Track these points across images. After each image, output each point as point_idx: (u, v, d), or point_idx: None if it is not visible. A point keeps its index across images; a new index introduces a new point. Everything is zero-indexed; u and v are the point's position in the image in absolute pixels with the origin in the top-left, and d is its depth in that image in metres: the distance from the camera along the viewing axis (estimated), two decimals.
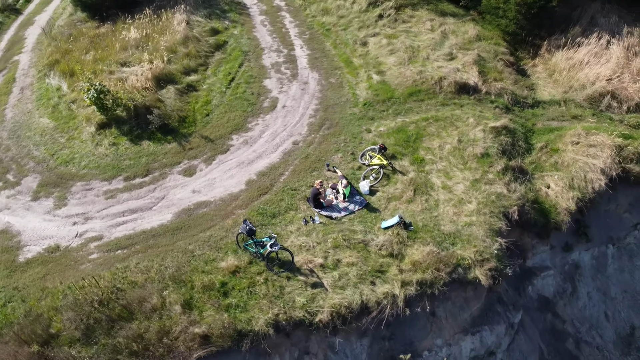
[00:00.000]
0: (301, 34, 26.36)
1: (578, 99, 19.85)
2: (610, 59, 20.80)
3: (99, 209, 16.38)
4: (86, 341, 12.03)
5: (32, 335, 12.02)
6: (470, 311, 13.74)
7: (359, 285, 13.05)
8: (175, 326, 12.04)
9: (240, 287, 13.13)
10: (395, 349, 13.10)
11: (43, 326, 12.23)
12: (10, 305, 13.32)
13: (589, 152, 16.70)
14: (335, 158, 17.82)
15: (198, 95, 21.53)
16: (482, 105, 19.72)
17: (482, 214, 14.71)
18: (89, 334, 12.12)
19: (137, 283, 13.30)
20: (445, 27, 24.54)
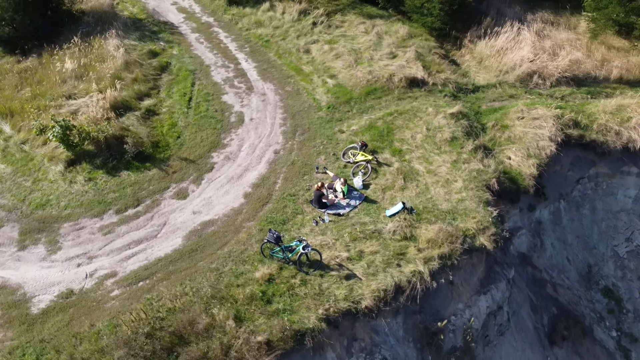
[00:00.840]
0: (241, 47, 26.90)
1: (510, 81, 22.85)
2: (526, 43, 24.10)
3: (100, 246, 15.91)
4: None
5: None
6: (477, 275, 15.63)
7: (387, 269, 14.33)
8: (235, 339, 12.42)
9: (280, 293, 13.78)
10: (426, 320, 14.59)
11: None
12: (45, 358, 12.74)
13: (534, 124, 19.50)
14: (319, 160, 18.92)
15: (161, 118, 21.37)
16: (433, 96, 21.93)
17: (470, 189, 16.72)
18: None
19: (177, 308, 13.38)
20: (378, 29, 26.58)
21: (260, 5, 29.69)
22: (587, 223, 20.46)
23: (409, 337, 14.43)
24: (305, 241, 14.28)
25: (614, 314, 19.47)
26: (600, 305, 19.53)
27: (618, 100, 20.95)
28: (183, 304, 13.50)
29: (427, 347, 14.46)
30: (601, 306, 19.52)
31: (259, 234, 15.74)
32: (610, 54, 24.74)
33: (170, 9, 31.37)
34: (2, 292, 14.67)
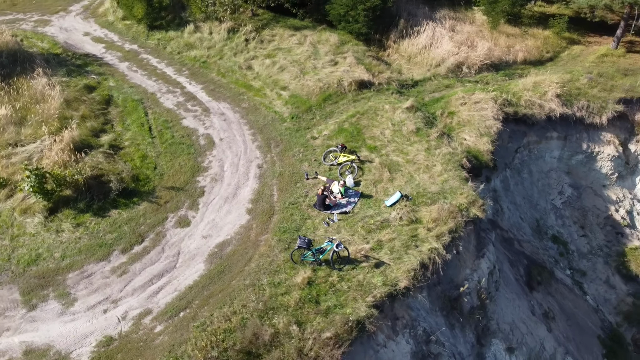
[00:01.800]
0: (179, 71, 26.84)
1: (442, 73, 25.81)
2: (444, 39, 27.29)
3: (120, 288, 15.48)
4: None
5: None
6: (472, 242, 17.91)
7: (407, 251, 15.94)
8: (305, 341, 13.19)
9: (324, 292, 14.73)
10: (445, 289, 16.50)
11: None
12: None
13: (477, 107, 22.46)
14: (304, 168, 20.00)
15: (127, 152, 20.85)
16: (382, 94, 24.05)
17: (449, 171, 18.98)
18: None
19: (233, 328, 13.72)
20: (310, 39, 28.17)
21: (183, 27, 29.75)
22: (528, 185, 23.98)
23: (435, 307, 16.22)
24: (337, 240, 15.38)
25: (564, 256, 23.17)
26: (552, 250, 23.10)
27: (532, 78, 24.81)
28: (238, 322, 13.87)
29: (452, 312, 16.39)
30: (553, 251, 23.10)
31: (279, 244, 16.48)
32: (510, 41, 28.94)
33: (85, 40, 30.09)
34: (32, 356, 13.76)
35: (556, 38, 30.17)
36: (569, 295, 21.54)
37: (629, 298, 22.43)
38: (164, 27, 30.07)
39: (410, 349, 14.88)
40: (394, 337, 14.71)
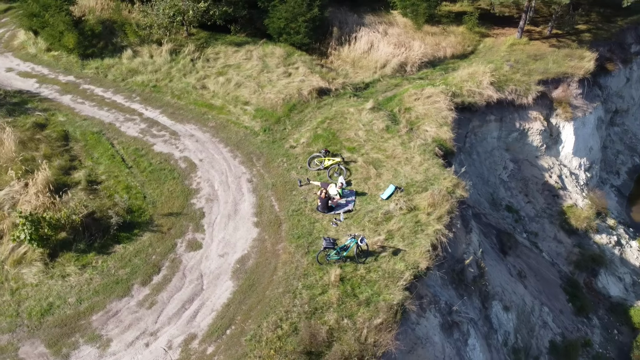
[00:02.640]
0: (130, 98, 26.20)
1: (388, 73, 27.88)
2: (381, 42, 29.47)
3: (154, 319, 15.30)
4: None
5: None
6: (459, 220, 20.00)
7: (417, 236, 17.51)
8: (359, 331, 14.22)
9: (357, 285, 15.82)
10: (450, 265, 18.33)
11: None
12: None
13: (430, 101, 24.77)
14: (293, 176, 20.85)
15: (108, 186, 20.20)
16: (342, 99, 25.52)
17: (427, 160, 20.93)
18: None
19: (285, 333, 14.33)
20: (255, 53, 28.87)
21: (120, 54, 28.98)
22: (478, 164, 26.86)
23: (446, 282, 18.02)
24: (360, 235, 16.54)
25: (518, 222, 26.33)
26: (509, 219, 26.15)
27: (466, 70, 27.74)
28: (288, 327, 14.51)
29: (460, 283, 18.29)
30: (510, 219, 26.15)
31: (298, 250, 17.24)
32: (435, 39, 31.94)
33: (11, 77, 28.13)
34: None
35: (470, 33, 33.77)
36: (531, 255, 24.62)
37: (575, 249, 26.11)
38: (98, 55, 28.97)
39: (438, 322, 16.51)
40: (424, 314, 16.22)
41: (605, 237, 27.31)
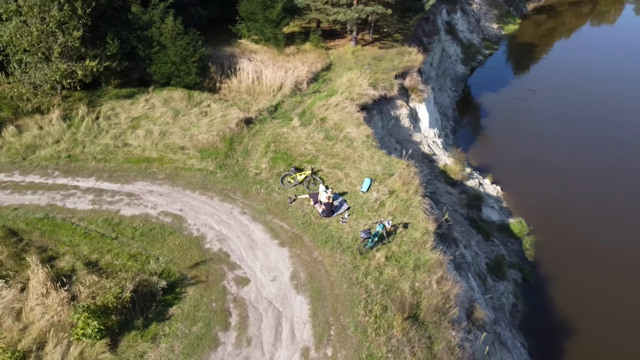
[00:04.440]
0: (49, 174, 23.98)
1: (287, 94, 31.03)
2: (267, 69, 32.45)
3: (261, 352, 16.10)
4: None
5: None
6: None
7: (409, 209, 21.60)
8: (430, 287, 17.79)
9: (400, 258, 19.23)
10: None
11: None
12: None
13: (339, 107, 29.00)
14: (277, 197, 22.76)
15: (109, 262, 19.08)
16: (267, 123, 27.91)
17: (375, 153, 25.10)
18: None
19: (381, 312, 17.04)
20: (155, 102, 28.89)
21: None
22: (388, 143, 32.24)
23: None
24: (385, 219, 19.86)
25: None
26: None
27: (345, 78, 32.79)
28: (378, 308, 17.18)
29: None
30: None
31: (334, 251, 19.68)
32: (301, 57, 36.20)
33: None
34: None
35: (316, 49, 39.02)
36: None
37: (462, 195, 33.67)
38: None
39: (453, 266, 21.06)
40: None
41: (472, 181, 35.70)
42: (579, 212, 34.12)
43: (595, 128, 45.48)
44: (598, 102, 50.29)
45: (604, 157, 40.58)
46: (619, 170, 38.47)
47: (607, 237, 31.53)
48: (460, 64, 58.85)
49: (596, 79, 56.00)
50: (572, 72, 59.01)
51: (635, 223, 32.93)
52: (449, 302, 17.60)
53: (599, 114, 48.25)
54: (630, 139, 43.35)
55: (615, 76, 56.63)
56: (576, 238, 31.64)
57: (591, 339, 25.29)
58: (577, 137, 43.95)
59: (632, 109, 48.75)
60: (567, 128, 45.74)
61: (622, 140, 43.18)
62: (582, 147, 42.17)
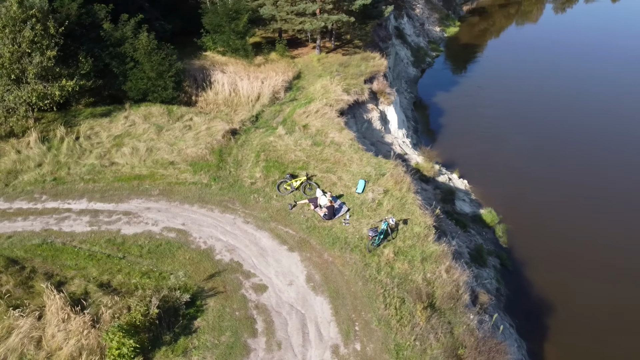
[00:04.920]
0: (37, 199, 23.29)
1: (266, 103, 31.49)
2: (242, 80, 32.78)
3: (293, 354, 16.62)
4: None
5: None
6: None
7: (406, 206, 22.76)
8: (441, 276, 18.95)
9: (406, 252, 20.29)
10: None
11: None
12: None
13: (320, 113, 29.83)
14: (276, 204, 23.25)
15: (123, 281, 18.92)
16: (252, 133, 28.28)
17: (363, 155, 26.12)
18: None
19: (398, 307, 17.99)
20: (135, 118, 28.54)
21: None
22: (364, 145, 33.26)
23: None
24: (390, 217, 20.85)
25: None
26: None
27: (318, 84, 33.67)
28: (397, 300, 18.12)
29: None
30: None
31: (343, 251, 20.43)
32: (271, 67, 36.71)
33: None
34: None
35: (282, 57, 39.69)
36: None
37: (436, 191, 35.37)
38: None
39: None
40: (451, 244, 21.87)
41: (442, 177, 37.52)
42: (539, 196, 36.58)
43: (538, 117, 48.79)
44: (536, 94, 53.78)
45: (552, 143, 43.75)
46: (567, 153, 41.74)
47: (567, 216, 34.06)
48: (411, 66, 61.33)
49: (528, 73, 59.97)
50: (507, 68, 62.98)
51: (587, 198, 35.76)
52: (459, 288, 18.84)
53: (539, 104, 51.78)
54: (568, 123, 47.22)
55: (545, 69, 61.00)
56: (541, 221, 33.95)
57: (570, 312, 27.40)
58: (525, 128, 46.96)
59: (564, 96, 52.96)
60: (516, 120, 48.73)
61: (561, 125, 46.86)
62: (531, 137, 45.15)
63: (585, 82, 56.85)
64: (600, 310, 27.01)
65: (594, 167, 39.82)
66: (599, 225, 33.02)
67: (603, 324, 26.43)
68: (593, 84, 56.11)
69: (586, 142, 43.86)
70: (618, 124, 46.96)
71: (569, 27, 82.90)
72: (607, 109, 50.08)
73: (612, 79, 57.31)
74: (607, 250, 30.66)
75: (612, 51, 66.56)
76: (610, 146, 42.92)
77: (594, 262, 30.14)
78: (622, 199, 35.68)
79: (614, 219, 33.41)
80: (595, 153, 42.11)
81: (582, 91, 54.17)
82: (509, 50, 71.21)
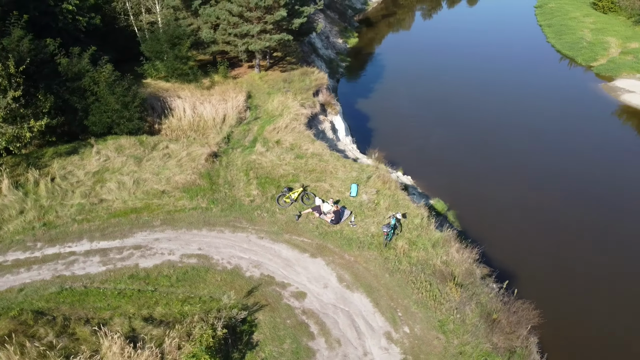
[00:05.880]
0: (32, 248, 22.01)
1: (233, 124, 32.09)
2: (203, 105, 33.03)
3: (355, 347, 18.07)
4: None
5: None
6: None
7: (399, 203, 25.13)
8: (453, 257, 21.49)
9: (416, 242, 22.61)
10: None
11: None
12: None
13: (290, 128, 31.26)
14: (282, 217, 24.33)
15: (162, 313, 18.96)
16: (230, 154, 28.90)
17: (345, 161, 28.05)
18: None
19: (430, 289, 20.20)
20: (108, 153, 27.79)
21: None
22: None
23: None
24: (395, 213, 22.98)
25: None
26: None
27: (276, 101, 35.01)
28: (426, 283, 20.31)
29: None
30: None
31: (362, 249, 22.28)
32: (219, 89, 37.19)
33: None
34: None
35: (226, 78, 40.31)
36: None
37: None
38: None
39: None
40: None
41: (393, 175, 40.63)
42: (474, 180, 40.70)
43: (447, 111, 53.67)
44: (440, 89, 58.70)
45: (474, 132, 48.62)
46: (486, 138, 46.86)
47: (503, 192, 38.61)
48: (329, 77, 64.47)
49: (424, 72, 65.35)
50: (406, 70, 67.90)
51: (507, 174, 40.37)
52: (472, 265, 21.52)
53: (442, 100, 56.61)
54: (471, 113, 52.81)
55: (436, 67, 66.85)
56: (482, 201, 38.18)
57: (535, 278, 31.53)
58: (440, 122, 51.66)
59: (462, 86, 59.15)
60: (430, 116, 52.91)
61: (467, 115, 52.00)
62: (448, 129, 49.49)
63: (462, 75, 62.82)
64: (545, 263, 31.42)
65: (504, 147, 44.85)
66: (520, 192, 37.30)
67: (545, 268, 30.79)
68: (465, 76, 61.89)
69: (490, 127, 48.83)
70: (505, 106, 52.81)
71: (434, 31, 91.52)
72: (487, 94, 56.09)
73: (480, 69, 64.47)
74: (530, 205, 35.13)
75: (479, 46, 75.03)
76: (505, 128, 48.50)
77: (528, 220, 34.44)
78: (530, 167, 40.72)
79: (529, 184, 37.86)
80: (498, 134, 47.35)
81: (467, 84, 59.93)
82: (401, 53, 77.04)
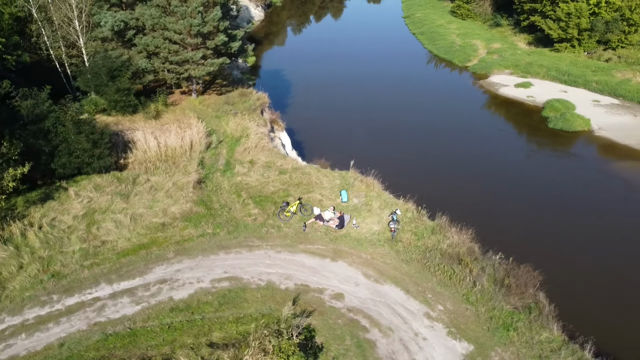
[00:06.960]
0: (49, 301, 20.79)
1: (203, 149, 32.25)
2: (167, 134, 32.75)
3: (411, 335, 20.21)
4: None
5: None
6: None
7: (387, 202, 27.76)
8: (462, 247, 24.66)
9: (418, 232, 25.38)
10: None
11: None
12: None
13: (260, 148, 32.41)
14: (289, 231, 25.60)
15: (220, 337, 19.38)
16: (214, 179, 29.28)
17: (326, 172, 30.00)
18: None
19: (449, 272, 23.06)
20: (89, 195, 26.71)
21: None
22: None
23: None
24: (395, 209, 25.52)
25: None
26: None
27: (232, 124, 35.82)
28: (444, 266, 23.13)
29: None
30: None
31: (374, 248, 24.43)
32: (167, 116, 36.83)
33: None
34: None
35: (167, 106, 39.87)
36: None
37: None
38: None
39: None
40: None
41: None
42: (413, 165, 42.75)
43: (371, 111, 57.19)
44: (342, 96, 60.04)
45: (384, 127, 51.11)
46: (395, 131, 50.75)
47: (447, 177, 42.98)
48: None
49: (323, 80, 67.65)
50: (304, 79, 69.56)
51: (442, 156, 45.31)
52: (471, 243, 24.83)
53: (360, 100, 59.55)
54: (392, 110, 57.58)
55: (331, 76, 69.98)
56: (428, 183, 41.45)
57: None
58: (363, 123, 55.15)
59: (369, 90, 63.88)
60: (355, 117, 55.31)
61: (378, 114, 56.19)
62: (377, 125, 52.10)
63: (356, 81, 65.49)
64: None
65: (434, 136, 49.58)
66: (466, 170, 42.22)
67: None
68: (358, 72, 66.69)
69: (392, 123, 51.33)
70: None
71: (320, 42, 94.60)
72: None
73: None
74: (487, 179, 39.69)
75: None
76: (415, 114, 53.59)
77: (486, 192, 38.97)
78: (460, 146, 45.80)
79: (466, 162, 42.31)
80: (404, 128, 51.49)
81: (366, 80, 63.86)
82: (297, 65, 78.37)
